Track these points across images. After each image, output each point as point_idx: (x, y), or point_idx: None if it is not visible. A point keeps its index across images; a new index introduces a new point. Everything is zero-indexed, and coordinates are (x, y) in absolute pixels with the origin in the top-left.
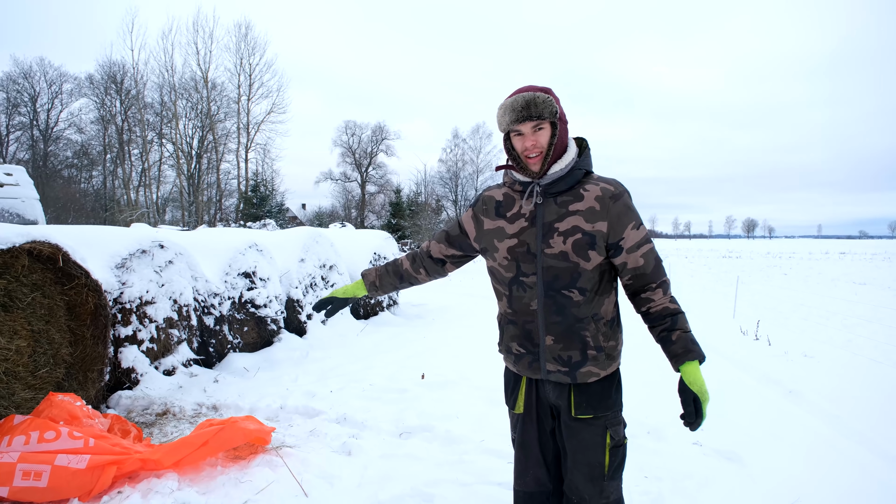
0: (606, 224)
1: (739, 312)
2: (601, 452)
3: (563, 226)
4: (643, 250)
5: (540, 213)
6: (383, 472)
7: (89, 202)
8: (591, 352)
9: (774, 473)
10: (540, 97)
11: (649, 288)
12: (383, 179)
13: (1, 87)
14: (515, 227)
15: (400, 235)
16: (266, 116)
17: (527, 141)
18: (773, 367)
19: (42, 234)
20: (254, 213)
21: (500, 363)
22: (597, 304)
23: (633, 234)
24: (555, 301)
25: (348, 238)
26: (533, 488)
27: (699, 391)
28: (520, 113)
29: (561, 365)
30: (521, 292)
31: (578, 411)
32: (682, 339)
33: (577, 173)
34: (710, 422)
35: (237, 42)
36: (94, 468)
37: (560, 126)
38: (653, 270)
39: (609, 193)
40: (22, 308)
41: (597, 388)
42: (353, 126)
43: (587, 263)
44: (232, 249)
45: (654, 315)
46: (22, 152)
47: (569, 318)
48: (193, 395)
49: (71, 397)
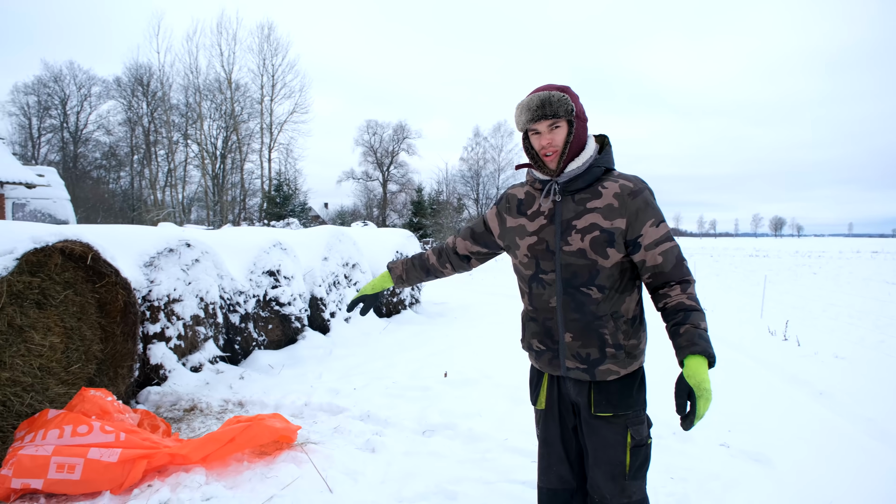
0: (625, 221)
1: (767, 312)
2: (622, 451)
3: (580, 223)
4: (662, 248)
5: (558, 211)
6: (406, 470)
7: (117, 202)
8: (609, 350)
9: (804, 476)
10: (555, 96)
11: (668, 285)
12: (405, 178)
13: (32, 90)
14: (535, 224)
15: (422, 234)
16: (289, 116)
17: (543, 139)
18: (803, 368)
19: (74, 233)
20: (277, 212)
21: (523, 362)
22: (617, 302)
23: (652, 231)
24: (573, 298)
25: (371, 237)
26: (556, 485)
27: (696, 386)
28: (535, 112)
29: (580, 362)
30: (540, 289)
31: (598, 409)
32: (689, 333)
33: (596, 171)
34: (738, 423)
35: (260, 43)
36: (125, 462)
37: (577, 124)
38: (673, 269)
39: (628, 190)
40: (55, 305)
41: (617, 386)
42: (374, 125)
43: (606, 261)
44: (256, 248)
45: (668, 310)
46: (53, 154)
47: (587, 316)
48: (220, 391)
49: (102, 392)
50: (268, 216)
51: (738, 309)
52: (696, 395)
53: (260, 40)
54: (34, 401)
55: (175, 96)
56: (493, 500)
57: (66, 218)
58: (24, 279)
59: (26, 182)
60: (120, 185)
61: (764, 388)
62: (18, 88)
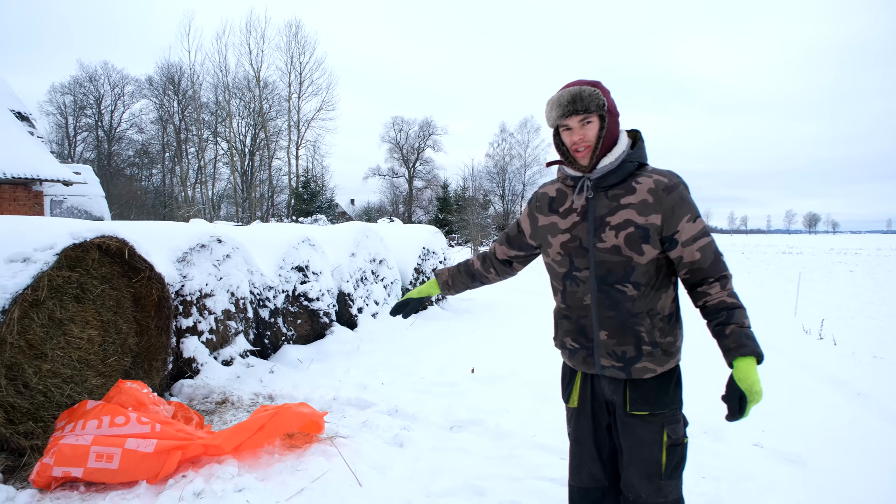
0: (660, 217)
1: (801, 310)
2: (658, 450)
3: (614, 219)
4: (700, 244)
5: (591, 208)
6: (434, 465)
7: (150, 199)
8: (646, 347)
9: (841, 478)
10: (586, 90)
11: (706, 282)
12: (430, 174)
13: (69, 90)
14: (567, 222)
15: (447, 230)
16: (316, 114)
17: (574, 135)
18: (840, 368)
19: (110, 229)
20: (304, 208)
21: (551, 359)
22: (653, 299)
23: (689, 226)
24: (608, 296)
25: (397, 233)
26: (588, 484)
27: (748, 389)
28: (566, 107)
29: (615, 360)
30: (574, 287)
31: (634, 407)
32: (735, 334)
33: (629, 166)
34: (772, 423)
35: (288, 41)
36: (160, 452)
37: (609, 119)
38: (711, 265)
39: (662, 185)
40: (92, 299)
41: (653, 384)
42: (400, 122)
43: (641, 257)
44: (285, 244)
45: (709, 309)
46: (88, 152)
47: (623, 314)
48: (250, 384)
49: (138, 385)
50: (295, 213)
51: (770, 307)
52: (748, 399)
53: (288, 38)
54: (73, 392)
55: (205, 94)
56: (522, 497)
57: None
58: (63, 274)
59: (64, 179)
60: (152, 182)
61: (798, 389)
62: (55, 88)
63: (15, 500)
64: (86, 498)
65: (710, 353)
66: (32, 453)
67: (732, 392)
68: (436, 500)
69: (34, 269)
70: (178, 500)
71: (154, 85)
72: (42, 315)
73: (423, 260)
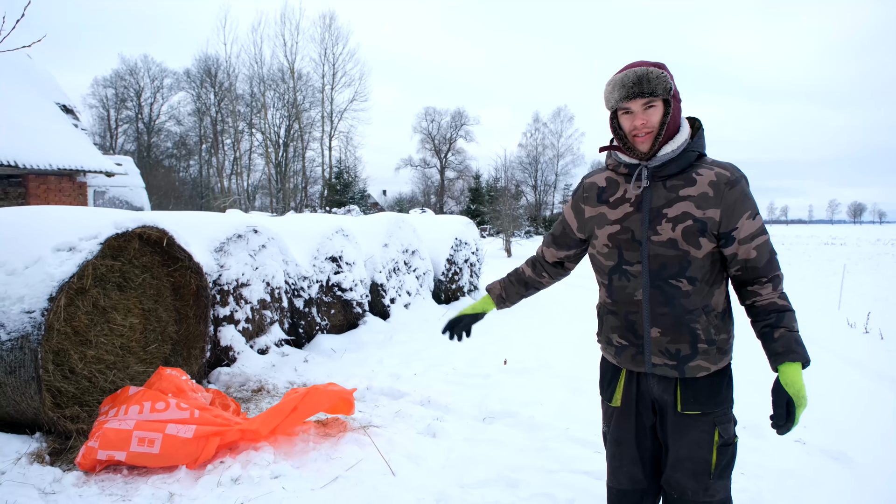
0: (719, 212)
1: (846, 303)
2: (708, 450)
3: (672, 212)
4: (757, 242)
5: (647, 198)
6: (467, 456)
7: (187, 190)
8: (701, 345)
9: (888, 475)
10: (654, 72)
11: (758, 282)
12: (462, 165)
13: (110, 83)
14: (619, 212)
15: (479, 221)
16: (349, 105)
17: (637, 119)
18: (887, 362)
19: (151, 219)
20: (337, 199)
21: (584, 351)
22: (708, 295)
23: (749, 223)
24: (662, 291)
25: (429, 223)
26: (627, 486)
27: (795, 395)
28: (630, 89)
29: (668, 358)
30: (623, 281)
31: (686, 407)
32: (784, 338)
33: (690, 156)
34: (814, 419)
35: (321, 32)
36: (199, 438)
37: (674, 104)
38: (766, 264)
39: (725, 179)
40: (134, 288)
41: (706, 382)
42: (432, 112)
43: (698, 251)
44: (319, 235)
45: (759, 309)
46: (129, 144)
47: (678, 310)
48: (285, 373)
49: (178, 372)
50: (328, 203)
51: (813, 300)
52: (794, 405)
53: (322, 30)
54: (116, 378)
55: (241, 87)
56: (556, 489)
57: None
58: (106, 263)
59: (106, 171)
60: (189, 174)
61: (842, 384)
62: (98, 82)
63: (62, 482)
64: (129, 481)
65: (749, 348)
66: (78, 436)
67: (780, 397)
68: (469, 491)
69: (79, 257)
70: (217, 486)
71: (191, 77)
72: (87, 303)
73: (456, 251)
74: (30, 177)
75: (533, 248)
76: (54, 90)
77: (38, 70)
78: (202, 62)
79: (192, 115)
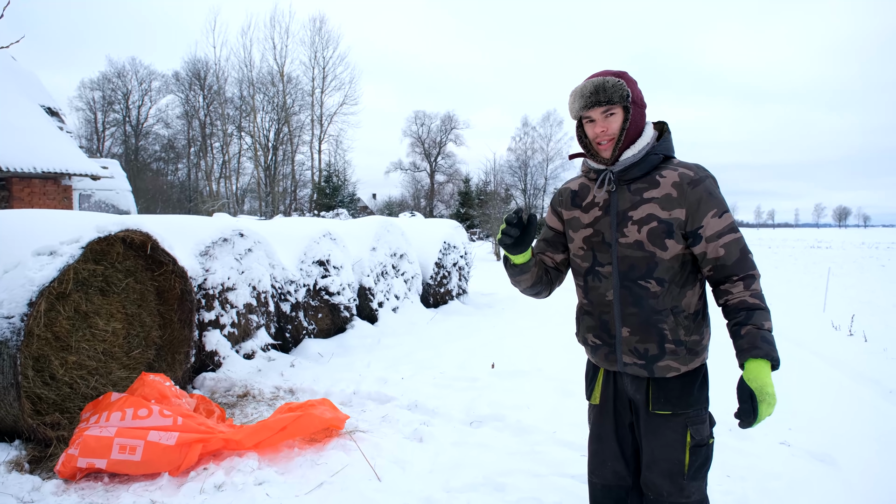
0: (685, 211)
1: (830, 306)
2: (680, 451)
3: (637, 214)
4: (725, 240)
5: (614, 202)
6: (455, 460)
7: (175, 193)
8: (669, 346)
9: (872, 478)
10: (610, 81)
11: (730, 280)
12: (452, 169)
13: (98, 86)
14: (590, 216)
15: (469, 224)
16: (338, 108)
17: (597, 127)
18: (870, 364)
19: (134, 223)
20: (327, 202)
21: (573, 354)
22: (678, 296)
23: (714, 221)
24: (631, 292)
25: (418, 227)
26: (611, 482)
27: (758, 389)
28: (589, 98)
29: (637, 358)
30: (596, 282)
31: (656, 406)
32: (750, 335)
33: (653, 159)
34: (799, 421)
35: (311, 36)
36: (182, 445)
37: (633, 110)
38: (736, 262)
39: (688, 179)
40: (117, 292)
41: (677, 383)
42: (422, 116)
43: (664, 253)
44: (307, 238)
45: (730, 308)
46: (116, 147)
47: (646, 310)
48: (271, 378)
49: (161, 377)
50: (318, 207)
51: (798, 302)
52: (758, 399)
53: (312, 33)
54: (98, 384)
55: (230, 89)
56: (544, 494)
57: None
58: (88, 267)
59: (92, 174)
60: (178, 177)
61: (827, 386)
62: (85, 84)
63: (41, 490)
64: (109, 489)
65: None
66: (58, 444)
67: (743, 392)
68: (456, 495)
69: (60, 262)
70: (200, 493)
71: (180, 80)
72: (68, 308)
73: (444, 254)
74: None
75: None
76: (39, 92)
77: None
78: (191, 65)
79: (180, 119)
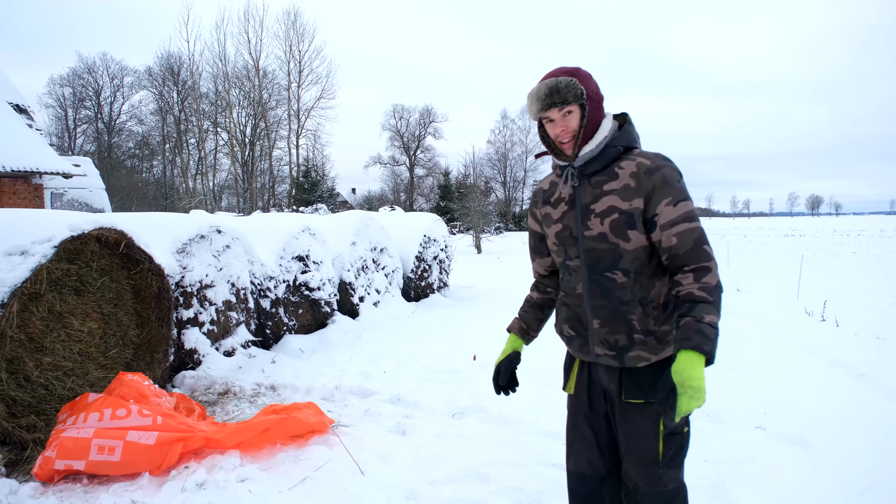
0: (642, 200)
1: (804, 293)
2: (654, 439)
3: (598, 206)
4: (678, 229)
5: (578, 196)
6: (437, 452)
7: (150, 191)
8: (637, 336)
9: (845, 460)
10: (562, 81)
11: (681, 271)
12: (431, 162)
13: (68, 82)
14: (559, 211)
15: (449, 218)
16: (316, 103)
17: (557, 127)
18: (843, 349)
19: (109, 221)
20: (305, 198)
21: (553, 346)
22: (646, 287)
23: (669, 210)
24: (598, 284)
25: (398, 221)
26: (586, 470)
27: (680, 383)
28: (544, 101)
29: (608, 349)
30: (567, 276)
31: (628, 395)
32: (686, 326)
33: (612, 151)
34: (774, 406)
35: (286, 30)
36: (162, 444)
37: (590, 106)
38: (687, 252)
39: (645, 168)
40: (92, 292)
41: (648, 372)
42: (400, 110)
43: (627, 244)
44: (286, 234)
45: (679, 300)
46: (88, 144)
47: (614, 302)
48: (252, 375)
49: (139, 377)
50: (296, 202)
51: (773, 290)
52: (678, 392)
53: (286, 26)
54: (75, 385)
55: (204, 85)
56: (526, 483)
57: (102, 207)
58: (62, 266)
59: (63, 172)
60: (153, 174)
61: (801, 370)
62: (54, 81)
63: (18, 494)
64: (89, 490)
65: None
66: (35, 447)
67: (664, 383)
68: (439, 487)
69: (32, 261)
70: (181, 491)
71: (153, 76)
72: (42, 308)
73: (425, 248)
74: None
75: (503, 245)
76: (7, 89)
77: None
78: (164, 60)
79: (154, 115)
